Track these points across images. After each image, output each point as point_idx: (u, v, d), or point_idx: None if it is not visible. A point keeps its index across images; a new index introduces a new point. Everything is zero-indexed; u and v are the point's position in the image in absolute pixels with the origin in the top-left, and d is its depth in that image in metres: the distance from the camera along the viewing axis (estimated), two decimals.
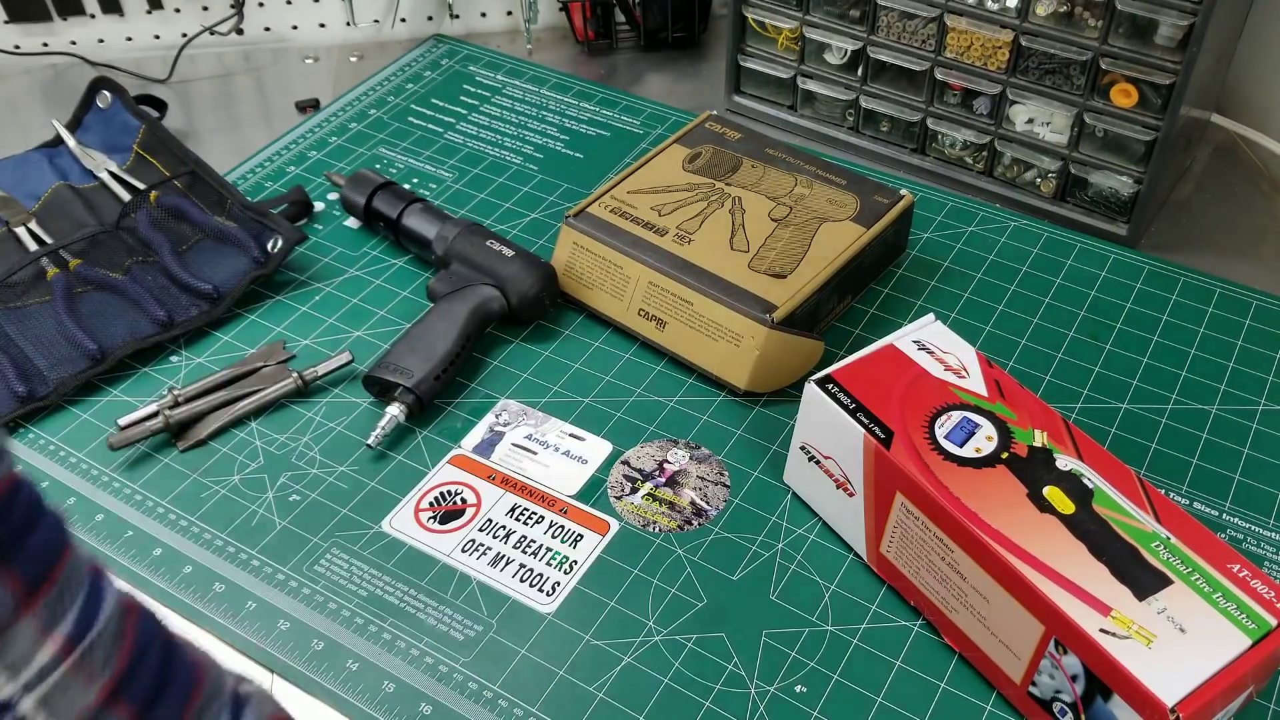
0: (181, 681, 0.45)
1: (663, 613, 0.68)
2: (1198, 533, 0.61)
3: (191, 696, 0.45)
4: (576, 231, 0.86)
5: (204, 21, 1.18)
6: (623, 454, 0.78)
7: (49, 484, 0.76)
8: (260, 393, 0.80)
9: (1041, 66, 0.92)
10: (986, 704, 0.64)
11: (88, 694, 0.41)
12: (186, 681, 0.45)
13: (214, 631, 0.68)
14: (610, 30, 1.19)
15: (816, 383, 0.69)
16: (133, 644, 0.43)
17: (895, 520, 0.66)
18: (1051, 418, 0.67)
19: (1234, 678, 0.55)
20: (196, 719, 0.44)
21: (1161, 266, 0.93)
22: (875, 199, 0.88)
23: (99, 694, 0.41)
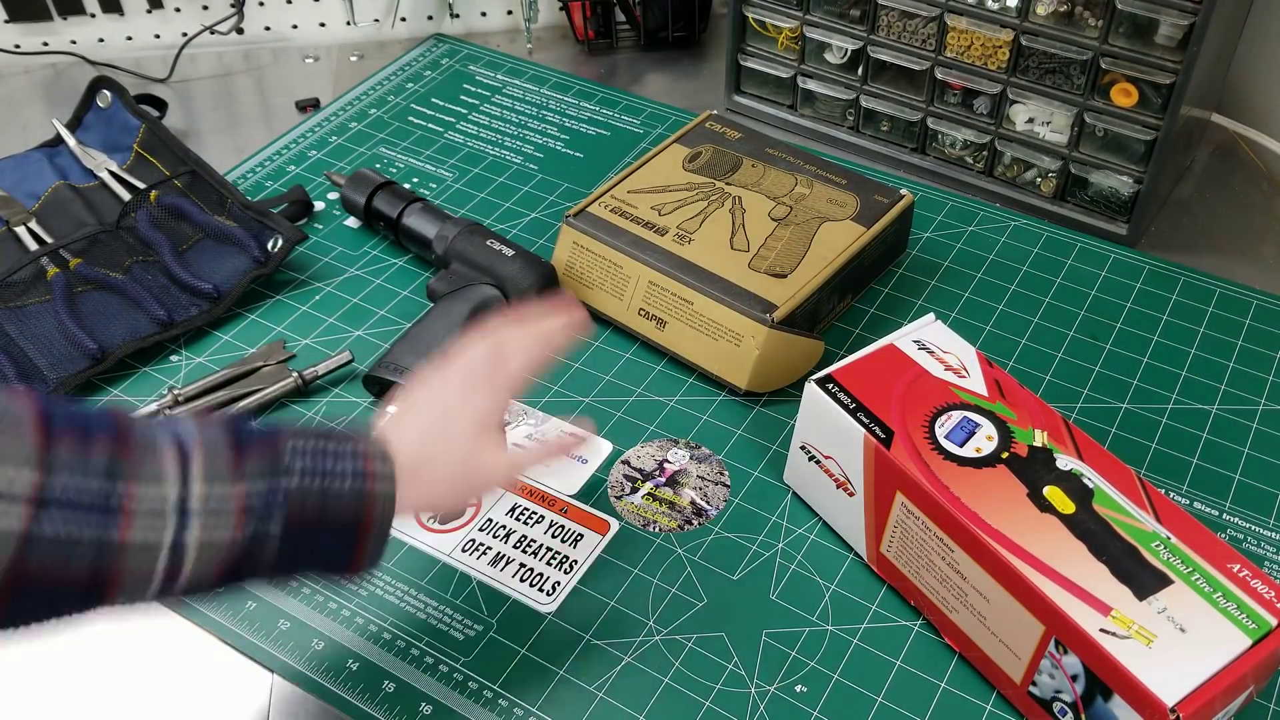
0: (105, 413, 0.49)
1: (663, 612, 0.68)
2: (1198, 533, 0.61)
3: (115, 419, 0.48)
4: (576, 231, 0.86)
5: (204, 21, 1.18)
6: (623, 454, 0.78)
7: None
8: (260, 392, 0.80)
9: (1041, 66, 0.92)
10: (986, 704, 0.64)
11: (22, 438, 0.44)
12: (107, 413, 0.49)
13: (214, 631, 0.68)
14: (610, 30, 1.19)
15: (816, 382, 0.69)
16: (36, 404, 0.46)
17: (895, 520, 0.66)
18: (1051, 418, 0.67)
19: (1234, 678, 0.55)
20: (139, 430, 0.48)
21: (1161, 266, 0.93)
22: (875, 199, 0.88)
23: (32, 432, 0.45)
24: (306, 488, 0.51)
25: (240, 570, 0.51)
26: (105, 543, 0.45)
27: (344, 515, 0.52)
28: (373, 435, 0.55)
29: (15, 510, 0.43)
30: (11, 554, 0.43)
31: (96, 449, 0.46)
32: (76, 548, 0.45)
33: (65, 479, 0.44)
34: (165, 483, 0.47)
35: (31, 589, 0.44)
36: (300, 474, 0.51)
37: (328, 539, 0.53)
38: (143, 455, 0.47)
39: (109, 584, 0.46)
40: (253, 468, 0.50)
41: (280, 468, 0.51)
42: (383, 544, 0.55)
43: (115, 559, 0.46)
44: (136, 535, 0.46)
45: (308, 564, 0.53)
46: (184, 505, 0.47)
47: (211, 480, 0.48)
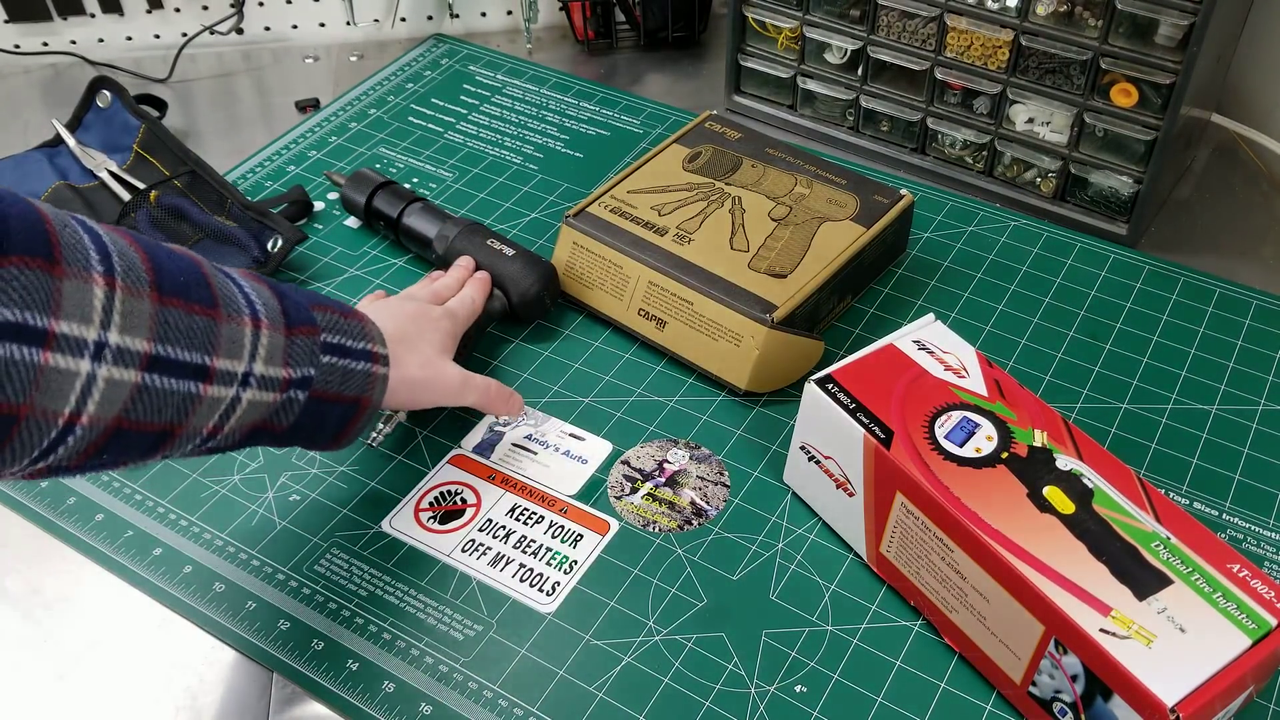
0: (190, 265, 0.53)
1: (663, 613, 0.68)
2: (1198, 533, 0.61)
3: (204, 275, 0.54)
4: (576, 231, 0.86)
5: (204, 21, 1.18)
6: (623, 454, 0.78)
7: (49, 484, 0.76)
8: None
9: (1041, 66, 0.92)
10: (986, 704, 0.64)
11: (143, 303, 0.49)
12: (193, 265, 0.54)
13: (214, 631, 0.68)
14: (610, 30, 1.19)
15: (816, 383, 0.69)
16: (144, 253, 0.51)
17: (895, 520, 0.66)
18: (1051, 418, 0.67)
19: (1234, 678, 0.55)
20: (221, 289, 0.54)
21: (1161, 266, 0.93)
22: (875, 199, 0.88)
23: (150, 299, 0.49)
24: (332, 366, 0.60)
25: (259, 434, 0.58)
26: (189, 397, 0.52)
27: (352, 393, 0.61)
28: (365, 316, 0.64)
29: (132, 370, 0.49)
30: (120, 406, 0.49)
31: (197, 315, 0.52)
32: (168, 401, 0.51)
33: (172, 345, 0.50)
34: (240, 356, 0.54)
35: (122, 437, 0.50)
36: (330, 354, 0.59)
37: (334, 412, 0.61)
38: (230, 325, 0.53)
39: (174, 435, 0.52)
40: (297, 351, 0.57)
41: (317, 352, 0.58)
42: (370, 423, 0.64)
43: (188, 413, 0.52)
44: (211, 394, 0.53)
45: (310, 433, 0.61)
46: (248, 377, 0.54)
47: (270, 358, 0.56)
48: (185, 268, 0.52)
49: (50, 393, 0.46)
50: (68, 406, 0.47)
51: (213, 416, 0.54)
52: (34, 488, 0.75)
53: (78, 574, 0.71)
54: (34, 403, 0.46)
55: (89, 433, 0.48)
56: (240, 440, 0.58)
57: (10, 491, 0.75)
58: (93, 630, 0.68)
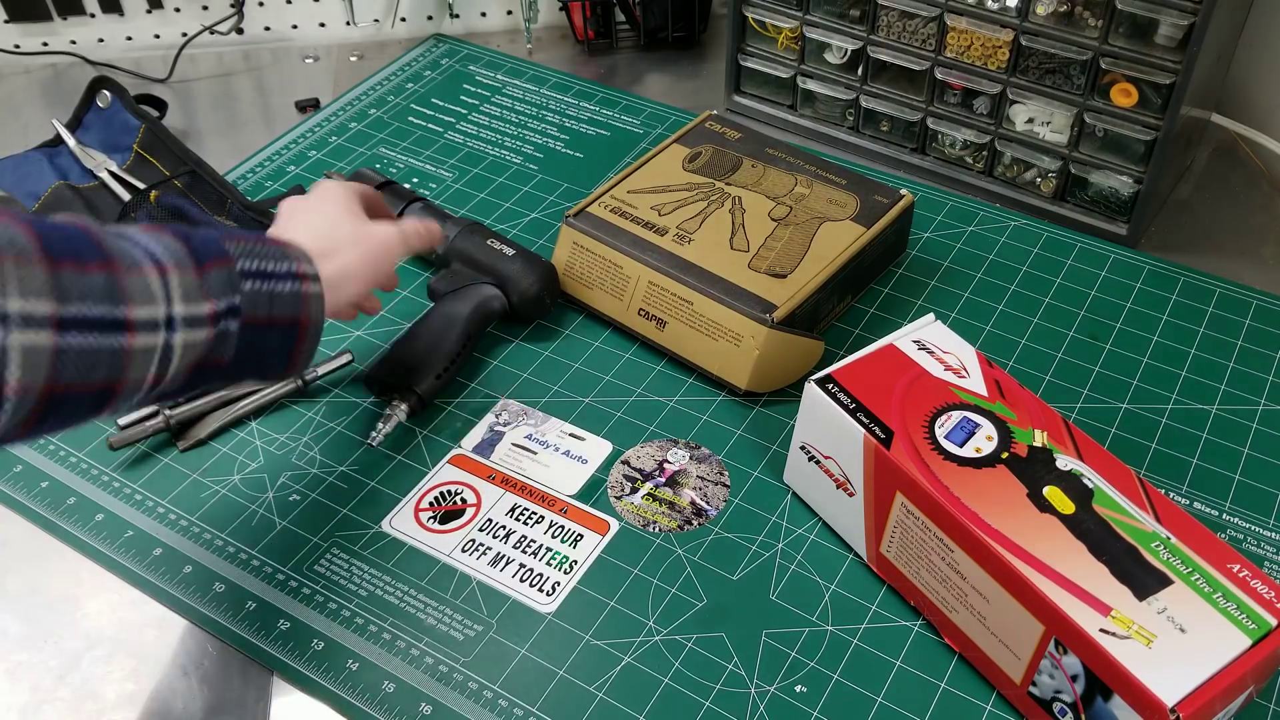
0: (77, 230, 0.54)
1: (663, 613, 0.68)
2: (1198, 533, 0.61)
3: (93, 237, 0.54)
4: (576, 231, 0.86)
5: (204, 21, 1.18)
6: (623, 454, 0.78)
7: (49, 484, 0.76)
8: (260, 392, 0.80)
9: (1041, 66, 0.92)
10: (986, 704, 0.64)
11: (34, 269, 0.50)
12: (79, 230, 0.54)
13: (214, 631, 0.68)
14: (610, 30, 1.19)
15: (816, 382, 0.69)
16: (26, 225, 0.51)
17: (895, 520, 0.66)
18: (1051, 418, 0.67)
19: (1234, 678, 0.55)
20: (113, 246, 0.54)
21: (1161, 266, 0.93)
22: (875, 199, 0.88)
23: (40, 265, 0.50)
24: (257, 292, 0.60)
25: (204, 372, 0.59)
26: (116, 352, 0.53)
27: (286, 315, 0.62)
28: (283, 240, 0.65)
29: (44, 333, 0.49)
30: (46, 370, 0.50)
31: (93, 272, 0.52)
32: (96, 360, 0.52)
33: (76, 304, 0.51)
34: (155, 301, 0.55)
35: (60, 401, 0.51)
36: (250, 280, 0.60)
37: (274, 338, 0.62)
38: (132, 276, 0.54)
39: (115, 391, 0.54)
40: (214, 283, 0.58)
41: (235, 279, 0.59)
42: (316, 343, 0.65)
43: (123, 368, 0.53)
44: (138, 344, 0.54)
45: (256, 363, 0.62)
46: (170, 319, 0.55)
47: (187, 297, 0.56)
48: (71, 234, 0.53)
49: None
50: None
51: (150, 366, 0.55)
52: (34, 487, 0.75)
53: (78, 574, 0.71)
54: None
55: (24, 401, 0.50)
56: (187, 382, 0.59)
57: (10, 491, 0.75)
58: (93, 630, 0.68)
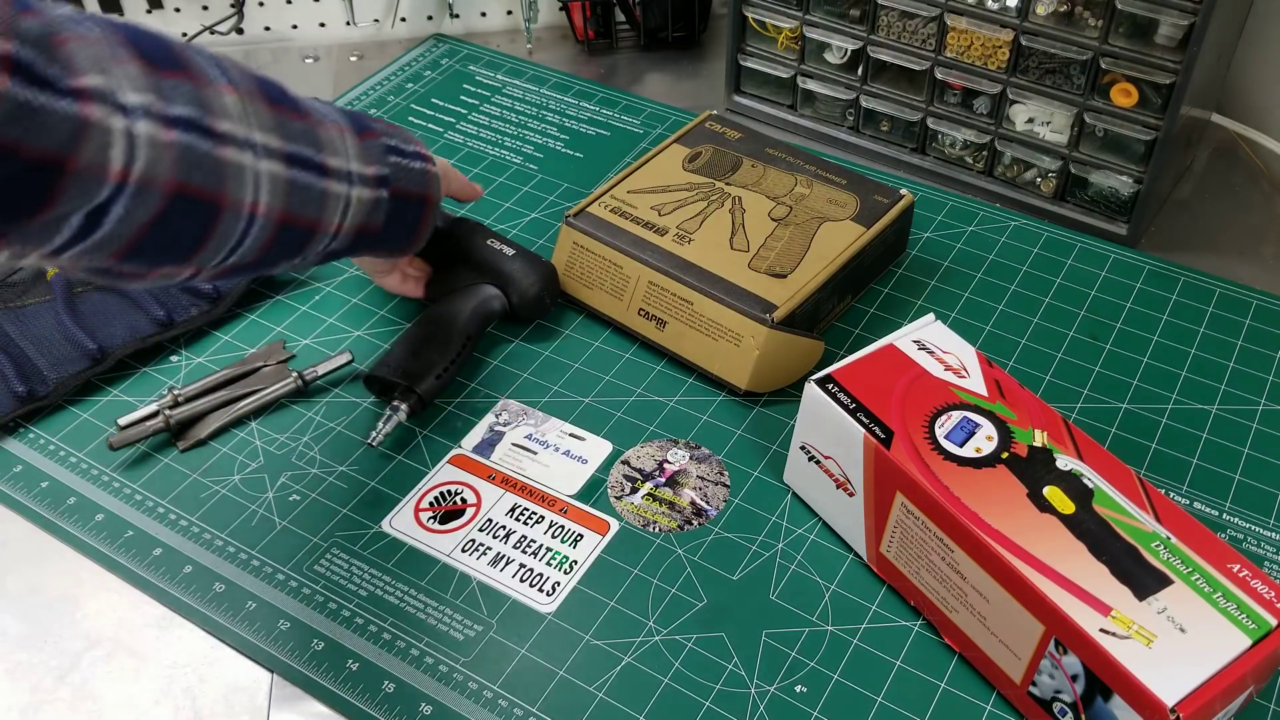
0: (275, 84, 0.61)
1: (663, 613, 0.68)
2: (1198, 533, 0.61)
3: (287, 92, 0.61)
4: (576, 231, 0.86)
5: (204, 21, 1.18)
6: (623, 454, 0.78)
7: (49, 484, 0.76)
8: (260, 393, 0.80)
9: (1041, 66, 0.92)
10: (986, 704, 0.64)
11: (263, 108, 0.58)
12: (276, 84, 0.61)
13: (214, 631, 0.68)
14: (610, 30, 1.19)
15: (816, 382, 0.69)
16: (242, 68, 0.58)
17: (895, 520, 0.66)
18: (1051, 418, 0.67)
19: (1234, 678, 0.55)
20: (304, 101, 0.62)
21: (1161, 266, 0.93)
22: (875, 199, 0.88)
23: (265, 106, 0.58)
24: (400, 166, 0.68)
25: (361, 237, 0.66)
26: (323, 193, 0.59)
27: (419, 190, 0.70)
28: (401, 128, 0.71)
29: (279, 164, 0.56)
30: (283, 198, 0.56)
31: (301, 121, 0.59)
32: (309, 195, 0.58)
33: (296, 144, 0.57)
34: (341, 155, 0.61)
35: (286, 229, 0.57)
36: (393, 155, 0.67)
37: (411, 210, 0.70)
38: (324, 130, 0.60)
39: (315, 230, 0.60)
40: (373, 151, 0.65)
41: (385, 151, 0.66)
42: (434, 219, 0.73)
43: (322, 208, 0.59)
44: (333, 189, 0.60)
45: (396, 232, 0.70)
46: (350, 175, 0.62)
47: (360, 157, 0.63)
48: (274, 85, 0.59)
49: (236, 183, 0.54)
50: (248, 196, 0.55)
51: (337, 213, 0.61)
52: (34, 487, 0.75)
53: (78, 574, 0.71)
54: (228, 192, 0.54)
55: (265, 226, 0.56)
56: (348, 245, 0.65)
57: (10, 491, 0.75)
58: (93, 630, 0.68)
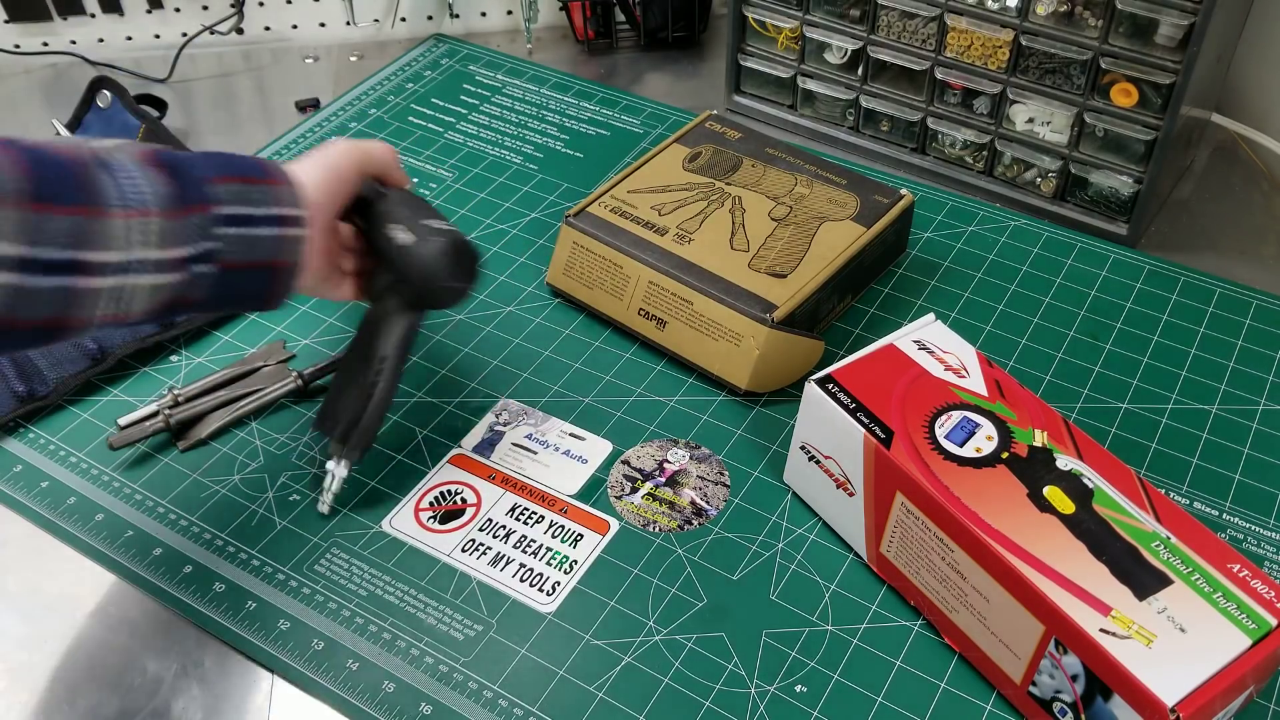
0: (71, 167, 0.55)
1: (663, 613, 0.68)
2: (1198, 533, 0.61)
3: (84, 176, 0.56)
4: (576, 231, 0.86)
5: (204, 21, 1.18)
6: (623, 454, 0.78)
7: (49, 484, 0.76)
8: (260, 393, 0.80)
9: (1041, 66, 0.92)
10: (986, 704, 0.64)
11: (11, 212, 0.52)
12: (74, 166, 0.56)
13: (214, 631, 0.68)
14: (610, 30, 1.19)
15: (816, 382, 0.69)
16: (24, 163, 0.53)
17: (895, 520, 0.66)
18: (1051, 418, 0.67)
19: (1234, 678, 0.55)
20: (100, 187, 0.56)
21: (1161, 266, 0.93)
22: (875, 199, 0.88)
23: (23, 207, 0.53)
24: (236, 237, 0.61)
25: (177, 307, 0.61)
26: (70, 293, 0.55)
27: (266, 258, 0.63)
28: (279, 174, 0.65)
29: (6, 273, 0.52)
30: (8, 300, 0.53)
31: (67, 215, 0.54)
32: (39, 297, 0.54)
33: (39, 246, 0.53)
34: (120, 246, 0.56)
35: (9, 332, 0.54)
36: (231, 225, 0.60)
37: (252, 279, 0.63)
38: (103, 220, 0.55)
39: (58, 328, 0.56)
40: (191, 229, 0.59)
41: (213, 225, 0.60)
42: (295, 280, 0.65)
43: (69, 305, 0.55)
44: (90, 285, 0.55)
45: (234, 300, 0.63)
46: (129, 263, 0.56)
47: (162, 241, 0.57)
48: (63, 171, 0.55)
49: None
50: None
51: (99, 305, 0.56)
52: (34, 487, 0.75)
53: (78, 574, 0.71)
54: None
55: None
56: (161, 314, 0.60)
57: (10, 491, 0.75)
58: (93, 630, 0.68)
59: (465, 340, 0.86)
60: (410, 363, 0.84)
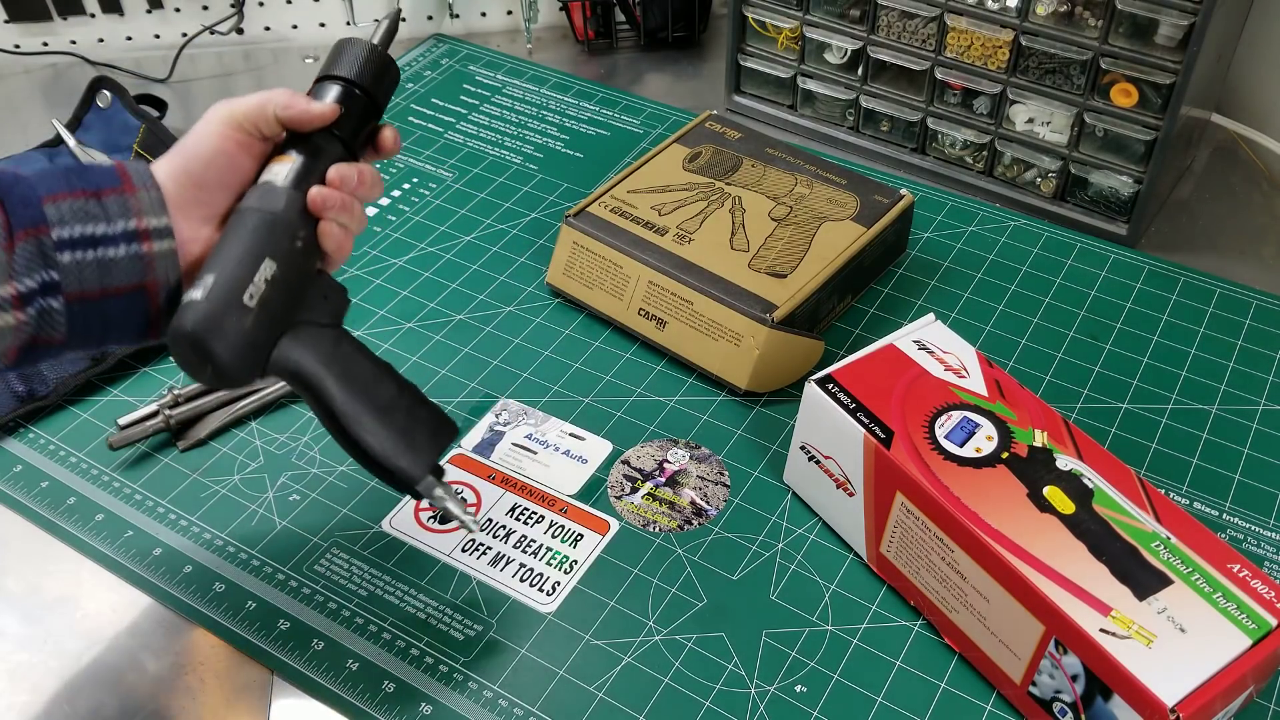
0: None
1: (663, 613, 0.68)
2: (1198, 533, 0.61)
3: None
4: (576, 231, 0.86)
5: (204, 21, 1.18)
6: (623, 454, 0.78)
7: (49, 484, 0.76)
8: (260, 392, 0.80)
9: (1041, 66, 0.92)
10: (986, 704, 0.64)
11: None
12: None
13: (214, 631, 0.68)
14: (610, 30, 1.19)
15: (816, 382, 0.69)
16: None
17: (895, 520, 0.66)
18: (1051, 418, 0.67)
19: (1234, 678, 0.55)
20: None
21: (1161, 266, 0.93)
22: (875, 199, 0.88)
23: None
24: (81, 262, 0.52)
25: (37, 351, 0.54)
26: None
27: (124, 282, 0.53)
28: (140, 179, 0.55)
29: None
30: None
31: None
32: None
33: None
34: None
35: None
36: (73, 249, 0.52)
37: (116, 307, 0.54)
38: None
39: None
40: (21, 260, 0.51)
41: (49, 252, 0.51)
42: (178, 299, 0.55)
43: None
44: None
45: (103, 335, 0.55)
46: None
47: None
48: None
49: None
50: None
51: None
52: (34, 487, 0.75)
53: (78, 574, 0.71)
54: None
55: None
56: (19, 360, 0.54)
57: (10, 491, 0.75)
58: (93, 630, 0.68)
59: (465, 340, 0.86)
60: (408, 362, 0.84)
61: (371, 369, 0.59)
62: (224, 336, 0.54)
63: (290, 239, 0.57)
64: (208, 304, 0.53)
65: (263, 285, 0.55)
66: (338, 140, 0.60)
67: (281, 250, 0.56)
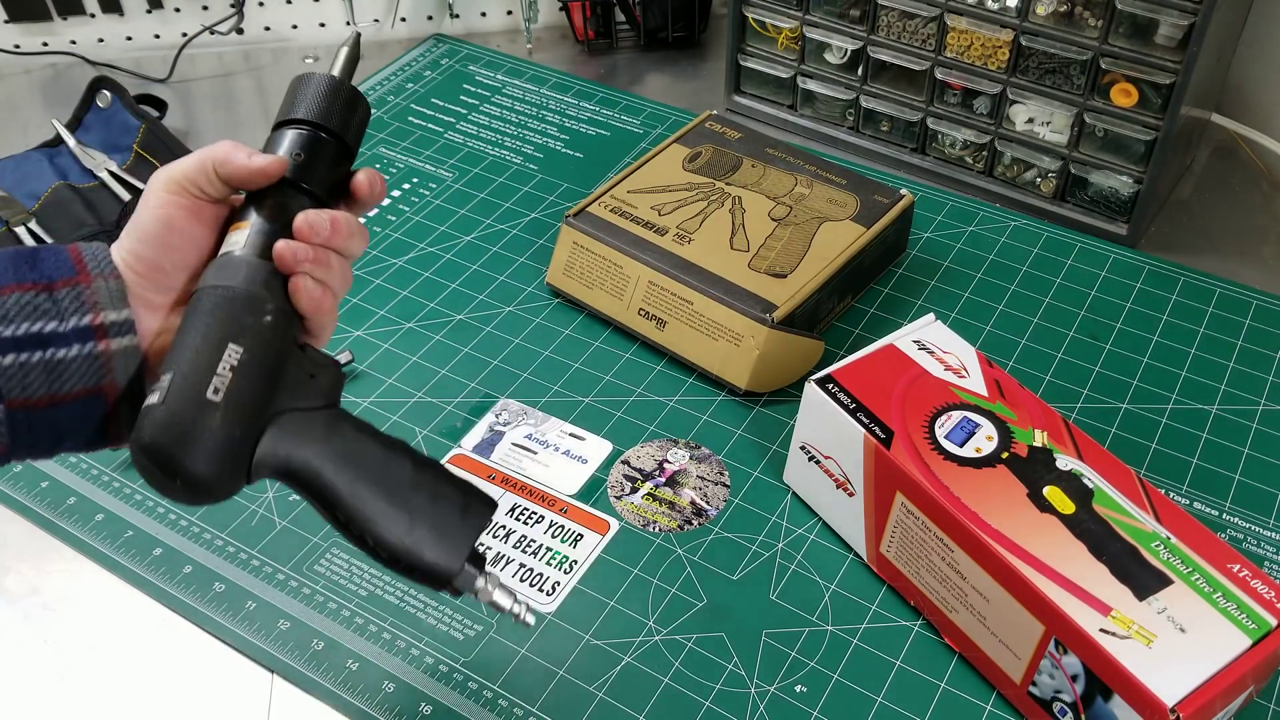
0: None
1: (663, 613, 0.68)
2: (1198, 533, 0.61)
3: None
4: (576, 231, 0.86)
5: (204, 21, 1.18)
6: (623, 454, 0.78)
7: (49, 484, 0.76)
8: None
9: (1041, 66, 0.92)
10: (986, 704, 0.64)
11: None
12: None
13: (214, 631, 0.68)
14: (610, 30, 1.19)
15: (816, 382, 0.69)
16: None
17: (895, 520, 0.66)
18: (1051, 418, 0.67)
19: (1234, 678, 0.55)
20: None
21: (1161, 266, 0.93)
22: (875, 199, 0.88)
23: None
24: (25, 365, 0.45)
25: None
26: None
27: (77, 387, 0.46)
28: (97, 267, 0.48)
29: None
30: None
31: None
32: None
33: None
34: None
35: None
36: (14, 351, 0.45)
37: (66, 414, 0.47)
38: None
39: None
40: None
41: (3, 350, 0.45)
42: (140, 402, 0.47)
43: None
44: None
45: (54, 444, 0.48)
46: None
47: None
48: None
49: None
50: None
51: None
52: (34, 487, 0.75)
53: (78, 574, 0.71)
54: None
55: None
56: None
57: (10, 491, 0.75)
58: (93, 630, 0.68)
59: (465, 340, 0.86)
60: (408, 362, 0.84)
61: (378, 451, 0.50)
62: (188, 443, 0.45)
63: (255, 315, 0.48)
64: (165, 409, 0.45)
65: (228, 374, 0.46)
66: (304, 194, 0.52)
67: (247, 330, 0.48)
